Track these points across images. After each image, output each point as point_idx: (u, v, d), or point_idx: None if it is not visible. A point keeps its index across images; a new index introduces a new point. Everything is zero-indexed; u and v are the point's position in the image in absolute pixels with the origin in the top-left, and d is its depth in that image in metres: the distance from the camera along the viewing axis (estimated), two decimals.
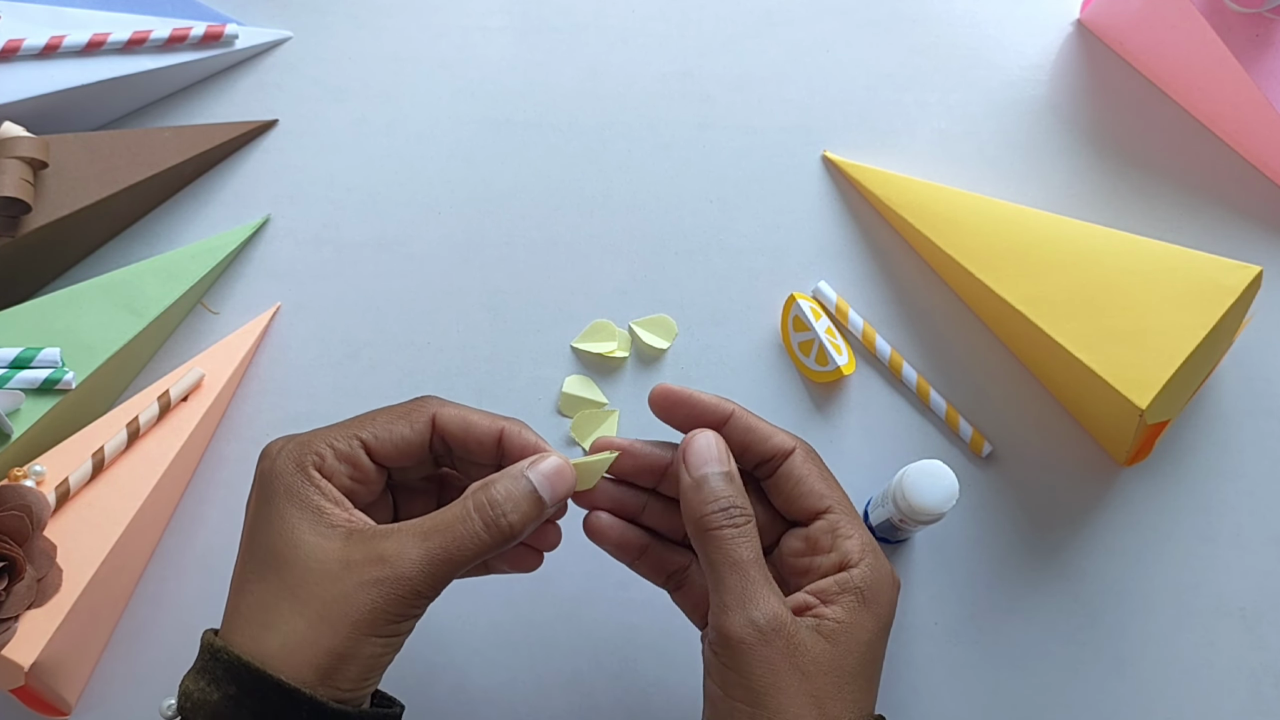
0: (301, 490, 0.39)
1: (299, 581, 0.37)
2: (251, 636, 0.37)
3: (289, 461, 0.39)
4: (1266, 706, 0.54)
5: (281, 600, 0.37)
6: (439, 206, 0.61)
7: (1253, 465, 0.57)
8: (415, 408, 0.41)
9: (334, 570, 0.37)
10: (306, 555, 0.37)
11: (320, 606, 0.37)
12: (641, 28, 0.64)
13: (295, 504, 0.38)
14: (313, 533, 0.38)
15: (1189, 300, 0.52)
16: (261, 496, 0.40)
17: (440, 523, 0.38)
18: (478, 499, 0.39)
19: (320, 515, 0.38)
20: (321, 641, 0.36)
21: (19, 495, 0.48)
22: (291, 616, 0.37)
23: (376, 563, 0.37)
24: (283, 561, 0.38)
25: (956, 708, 0.53)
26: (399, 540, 0.38)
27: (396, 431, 0.41)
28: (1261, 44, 0.57)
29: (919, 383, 0.57)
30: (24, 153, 0.54)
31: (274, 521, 0.38)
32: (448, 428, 0.41)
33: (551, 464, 0.40)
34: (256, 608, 0.38)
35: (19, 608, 0.47)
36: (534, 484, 0.40)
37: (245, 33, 0.62)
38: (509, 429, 0.42)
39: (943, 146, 0.62)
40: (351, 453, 0.40)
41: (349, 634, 0.36)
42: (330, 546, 0.38)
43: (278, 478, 0.39)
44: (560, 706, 0.53)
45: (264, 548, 0.38)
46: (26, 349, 0.52)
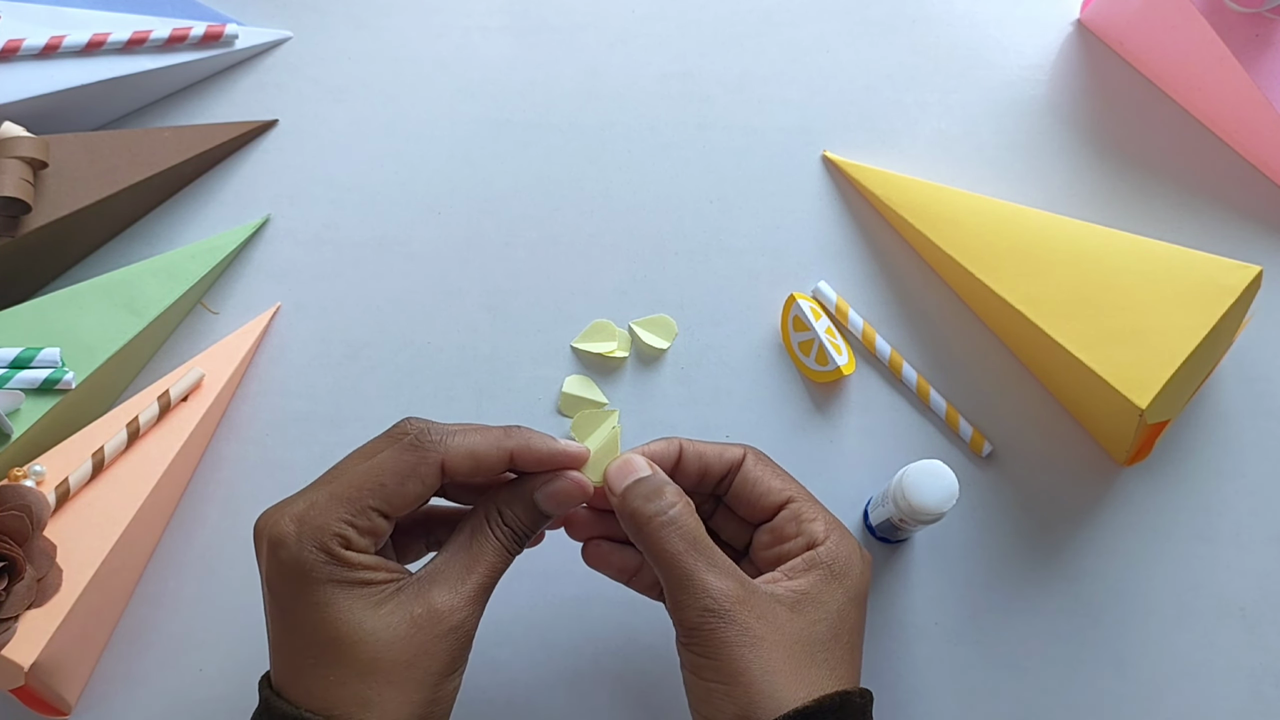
0: (344, 575, 0.39)
1: (376, 656, 0.38)
2: (348, 715, 0.38)
3: (317, 551, 0.38)
4: (1266, 706, 0.54)
5: (365, 679, 0.38)
6: (439, 206, 0.61)
7: (1253, 465, 0.57)
8: (420, 460, 0.40)
9: (405, 633, 0.38)
10: (374, 631, 0.38)
11: (405, 670, 0.38)
12: (641, 28, 0.64)
13: (342, 588, 0.38)
14: (369, 607, 0.38)
15: (1189, 300, 0.52)
16: (295, 586, 0.39)
17: (474, 558, 0.41)
18: (495, 528, 0.42)
19: (370, 589, 0.39)
20: (415, 698, 0.38)
21: (19, 495, 0.48)
22: (384, 690, 0.38)
23: (436, 616, 0.39)
24: (351, 643, 0.38)
25: (956, 708, 0.53)
26: (448, 587, 0.40)
27: (409, 492, 0.40)
28: (1261, 44, 0.57)
29: (919, 383, 0.57)
30: (24, 153, 0.54)
31: (325, 610, 0.38)
32: (457, 471, 0.41)
33: (561, 488, 0.42)
34: (338, 689, 0.38)
35: (19, 608, 0.47)
36: (544, 507, 0.42)
37: (245, 33, 0.62)
38: (517, 449, 0.41)
39: (943, 146, 0.62)
40: (372, 525, 0.39)
41: (434, 683, 0.39)
42: (391, 613, 0.39)
43: (312, 569, 0.38)
44: (560, 706, 0.53)
45: (321, 635, 0.38)
46: (26, 349, 0.52)
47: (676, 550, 0.41)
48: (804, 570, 0.42)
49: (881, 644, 0.54)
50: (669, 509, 0.41)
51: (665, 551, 0.41)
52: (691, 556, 0.40)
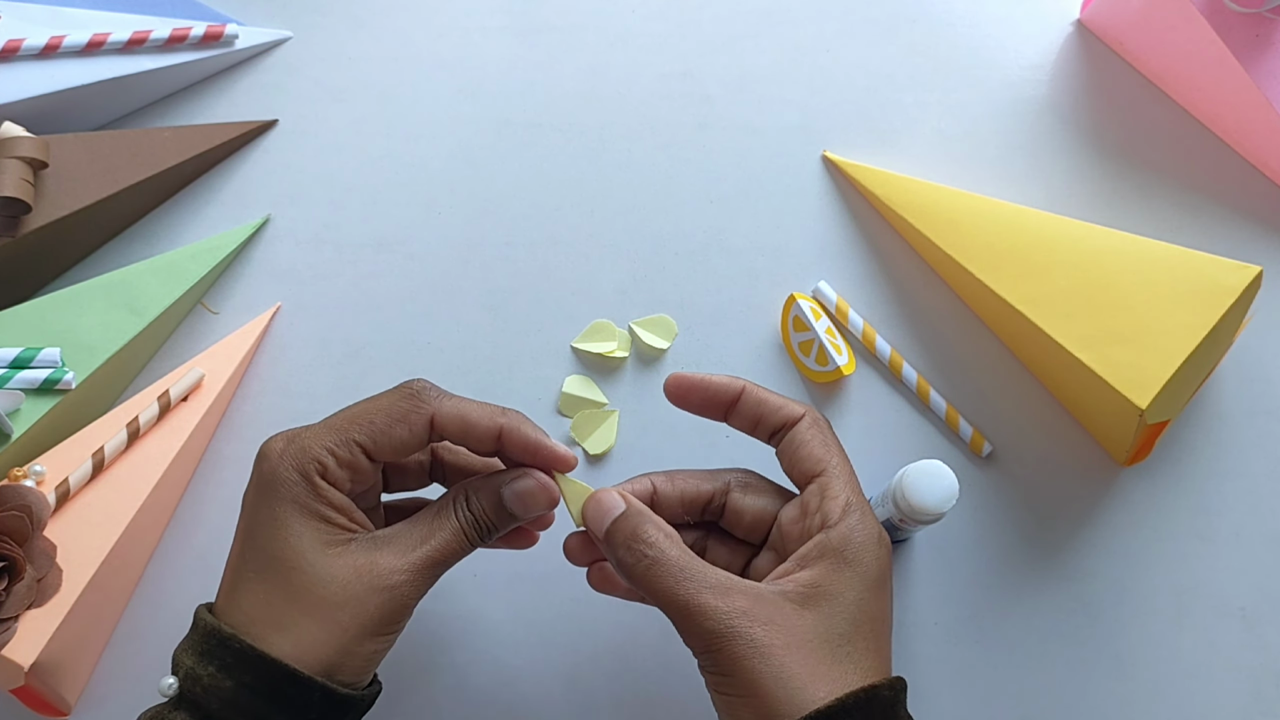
0: (307, 501, 0.40)
1: (308, 587, 0.39)
2: (261, 634, 0.39)
3: (292, 469, 0.40)
4: (1266, 706, 0.54)
5: (291, 604, 0.39)
6: (439, 206, 0.61)
7: (1253, 465, 0.57)
8: (412, 410, 0.41)
9: (343, 578, 0.39)
10: (314, 564, 0.39)
11: (330, 611, 0.39)
12: (641, 28, 0.64)
13: (301, 513, 0.40)
14: (319, 542, 0.40)
15: (1189, 300, 0.52)
16: (262, 498, 0.40)
17: (429, 533, 0.41)
18: (459, 511, 0.42)
19: (326, 525, 0.40)
20: (332, 642, 0.39)
21: (19, 495, 0.48)
22: (302, 619, 0.39)
23: (381, 574, 0.40)
24: (289, 567, 0.39)
25: (956, 708, 0.53)
26: (397, 550, 0.40)
27: (396, 436, 0.41)
28: (1261, 44, 0.57)
29: (919, 383, 0.57)
30: (24, 153, 0.54)
31: (278, 527, 0.40)
32: (447, 428, 0.42)
33: (526, 488, 0.42)
34: (263, 606, 0.39)
35: (19, 608, 0.47)
36: (508, 504, 0.42)
37: (245, 33, 0.62)
38: (508, 426, 0.42)
39: (943, 146, 0.62)
40: (352, 458, 0.41)
41: (356, 635, 0.39)
42: (337, 555, 0.40)
43: (282, 484, 0.40)
44: (560, 706, 0.53)
45: (267, 550, 0.40)
46: (26, 349, 0.52)
47: (667, 587, 0.40)
48: (815, 558, 0.40)
49: None
50: (649, 551, 0.40)
51: (658, 591, 0.40)
52: (683, 587, 0.39)
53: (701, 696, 0.56)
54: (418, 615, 0.54)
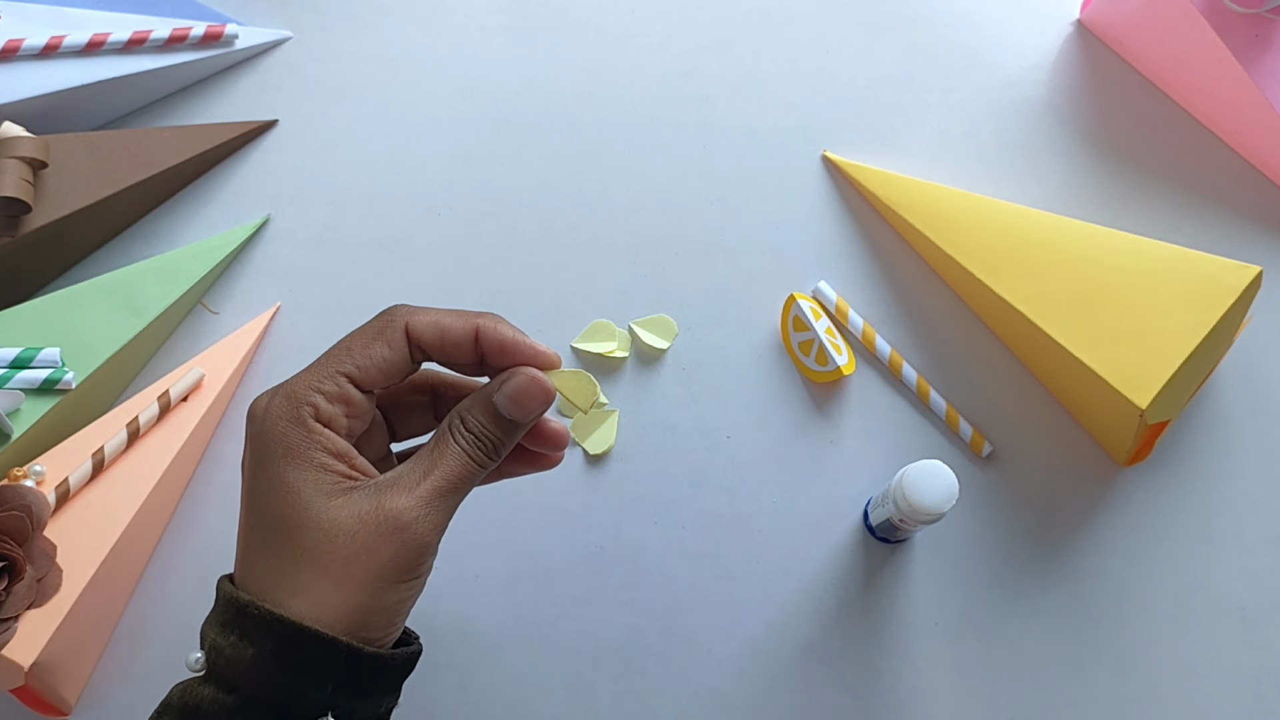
0: (303, 449, 0.38)
1: (315, 544, 0.37)
2: (278, 601, 0.37)
3: (283, 419, 0.38)
4: (1266, 706, 0.54)
5: (302, 565, 0.37)
6: (439, 206, 0.61)
7: (1253, 465, 0.57)
8: (386, 324, 0.40)
9: (349, 528, 0.37)
10: (318, 518, 0.37)
11: (343, 566, 0.37)
12: (641, 28, 0.64)
13: (298, 464, 0.38)
14: (320, 494, 0.38)
15: (1189, 300, 0.52)
16: (259, 459, 0.39)
17: (432, 464, 0.39)
18: (456, 434, 0.40)
19: (325, 473, 0.38)
20: (349, 599, 0.37)
21: (19, 495, 0.48)
22: (315, 579, 0.37)
23: (389, 516, 0.38)
24: (294, 526, 0.38)
25: (956, 708, 0.53)
26: (403, 489, 0.38)
27: (377, 354, 0.40)
28: (1261, 44, 0.57)
29: (919, 383, 0.57)
30: (24, 153, 0.54)
31: (277, 486, 0.38)
32: (423, 337, 0.40)
33: (517, 384, 0.40)
34: (275, 572, 0.38)
35: (19, 608, 0.47)
36: (504, 409, 0.40)
37: (245, 33, 0.62)
38: (484, 326, 0.41)
39: (943, 146, 0.62)
40: (341, 391, 0.39)
41: (374, 587, 0.37)
42: (341, 506, 0.38)
43: (275, 438, 0.38)
44: (560, 706, 0.53)
45: (271, 513, 0.38)
46: (26, 349, 0.52)
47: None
48: None
49: (881, 643, 0.54)
50: None
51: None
52: None
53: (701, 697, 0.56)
54: (419, 615, 0.54)
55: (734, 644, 0.54)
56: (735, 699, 0.53)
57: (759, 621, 0.54)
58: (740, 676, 0.53)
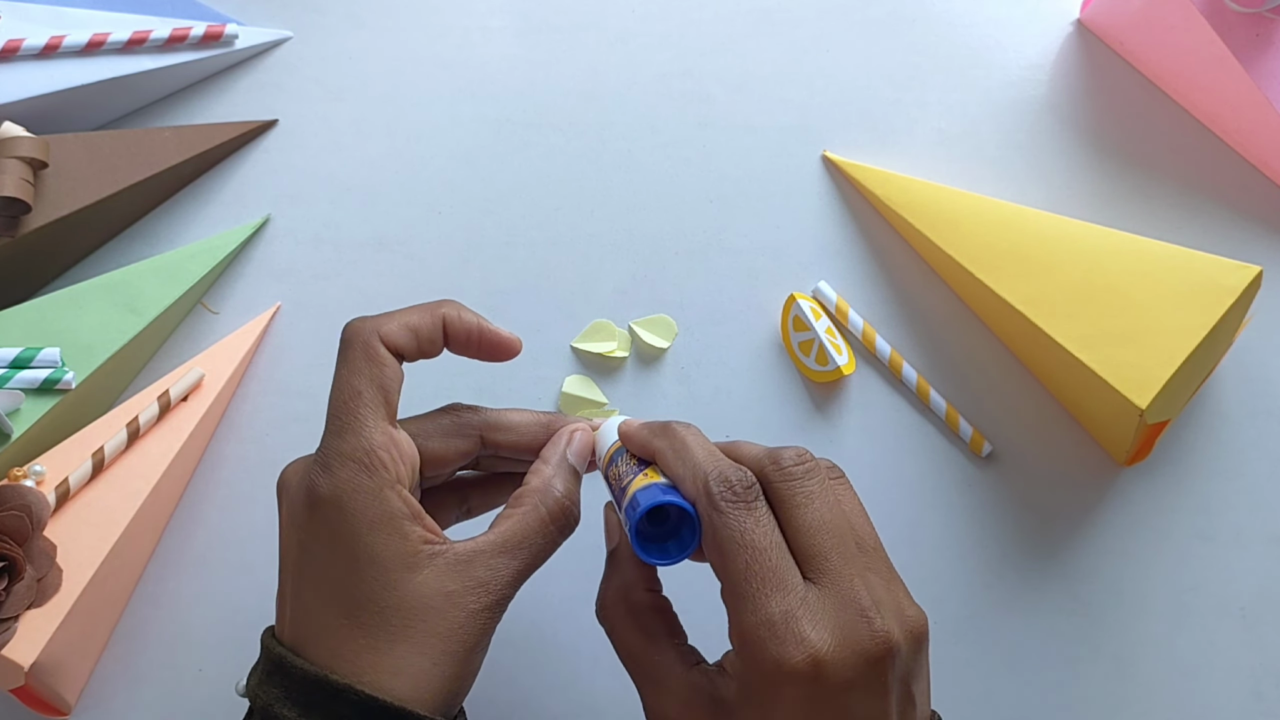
0: (386, 520, 0.37)
1: (408, 623, 0.36)
2: (374, 682, 0.36)
3: (360, 492, 0.37)
4: (1266, 706, 0.54)
5: (396, 644, 0.36)
6: (439, 206, 0.61)
7: (1253, 465, 0.57)
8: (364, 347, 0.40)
9: (438, 604, 0.37)
10: (408, 596, 0.36)
11: (440, 643, 0.36)
12: (641, 28, 0.64)
13: (384, 537, 0.37)
14: (405, 569, 0.36)
15: (1189, 300, 0.52)
16: (335, 534, 0.37)
17: (522, 537, 0.39)
18: (549, 505, 0.39)
19: (407, 542, 0.37)
20: (447, 673, 0.37)
21: (19, 495, 0.48)
22: (415, 658, 0.36)
23: (477, 590, 0.37)
24: (383, 605, 0.36)
25: (956, 708, 0.53)
26: (488, 562, 0.38)
27: (386, 380, 0.39)
28: (1261, 44, 0.57)
29: (919, 383, 0.57)
30: (24, 153, 0.54)
31: (363, 564, 0.36)
32: (398, 343, 0.40)
33: (583, 443, 0.42)
34: (368, 651, 0.36)
35: (19, 608, 0.47)
36: (575, 467, 0.41)
37: (245, 33, 0.62)
38: (448, 315, 0.41)
39: (943, 146, 0.62)
40: (391, 437, 0.38)
41: (466, 658, 0.37)
42: (426, 581, 0.37)
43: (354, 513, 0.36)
44: (559, 706, 0.53)
45: (356, 592, 0.36)
46: (26, 349, 0.52)
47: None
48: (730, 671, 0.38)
49: None
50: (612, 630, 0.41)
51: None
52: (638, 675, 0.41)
53: None
54: None
55: None
56: None
57: None
58: None
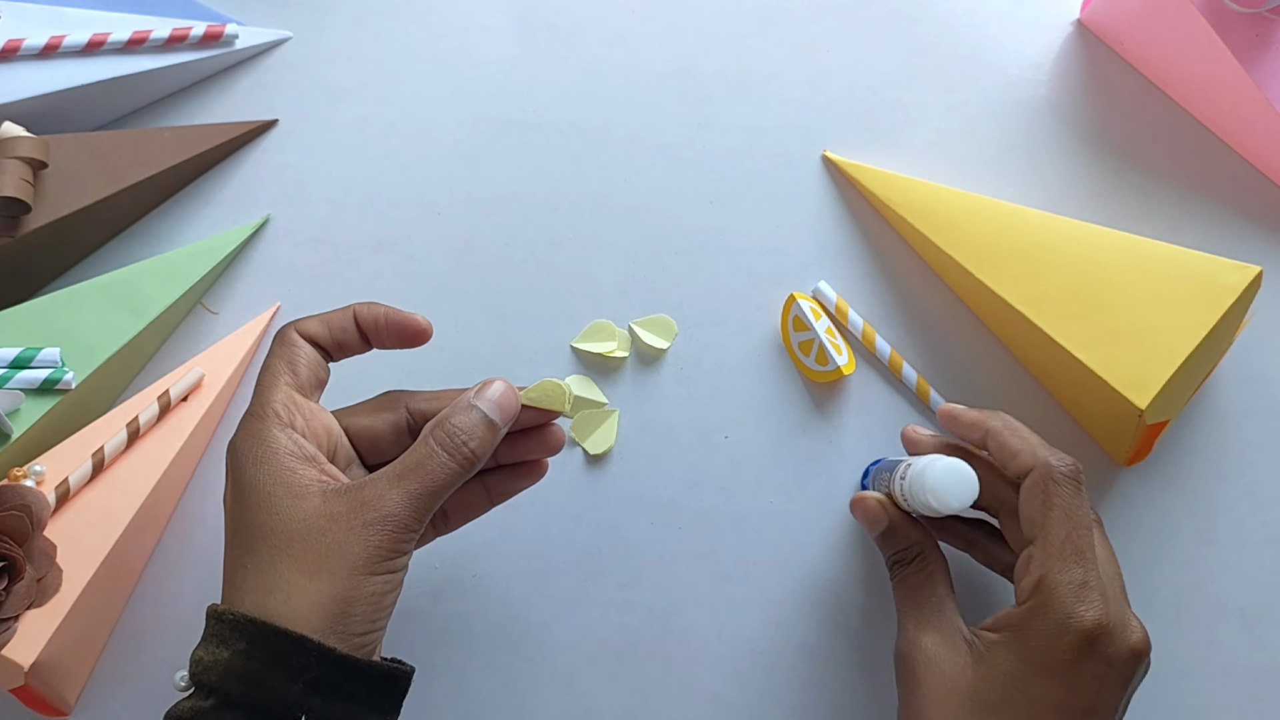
0: (270, 456, 0.40)
1: (287, 543, 0.39)
2: (255, 602, 0.38)
3: (249, 437, 0.41)
4: (1266, 706, 0.54)
5: (276, 564, 0.39)
6: (439, 207, 0.61)
7: (1252, 465, 0.57)
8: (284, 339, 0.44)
9: (320, 525, 0.39)
10: (291, 517, 0.39)
11: (316, 559, 0.38)
12: (641, 28, 0.64)
13: (267, 470, 0.40)
14: (290, 495, 0.39)
15: (1189, 300, 0.52)
16: (235, 480, 0.41)
17: (410, 463, 0.41)
18: (437, 435, 0.41)
19: (295, 475, 0.40)
20: (324, 589, 0.38)
21: (19, 495, 0.48)
22: (289, 574, 0.38)
23: (360, 508, 0.39)
24: (268, 531, 0.39)
25: None
26: (376, 486, 0.40)
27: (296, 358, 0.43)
28: (1261, 44, 0.57)
29: (919, 383, 0.57)
30: (24, 153, 0.54)
31: (250, 495, 0.40)
32: (313, 332, 0.44)
33: (495, 389, 0.43)
34: (252, 575, 0.39)
35: (19, 608, 0.47)
36: (483, 410, 0.42)
37: (245, 33, 0.62)
38: (358, 308, 0.45)
39: (943, 146, 0.62)
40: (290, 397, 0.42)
41: (348, 577, 0.38)
42: (310, 505, 0.39)
43: (245, 453, 0.41)
44: (558, 706, 0.53)
45: (247, 523, 0.40)
46: (26, 349, 0.52)
47: (899, 598, 0.48)
48: (1004, 625, 0.44)
49: (880, 644, 0.54)
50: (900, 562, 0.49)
51: (896, 598, 0.48)
52: (904, 606, 0.47)
53: (699, 697, 0.56)
54: (416, 615, 0.54)
55: (732, 644, 0.54)
56: (733, 699, 0.53)
57: (757, 622, 0.54)
58: (738, 677, 0.53)
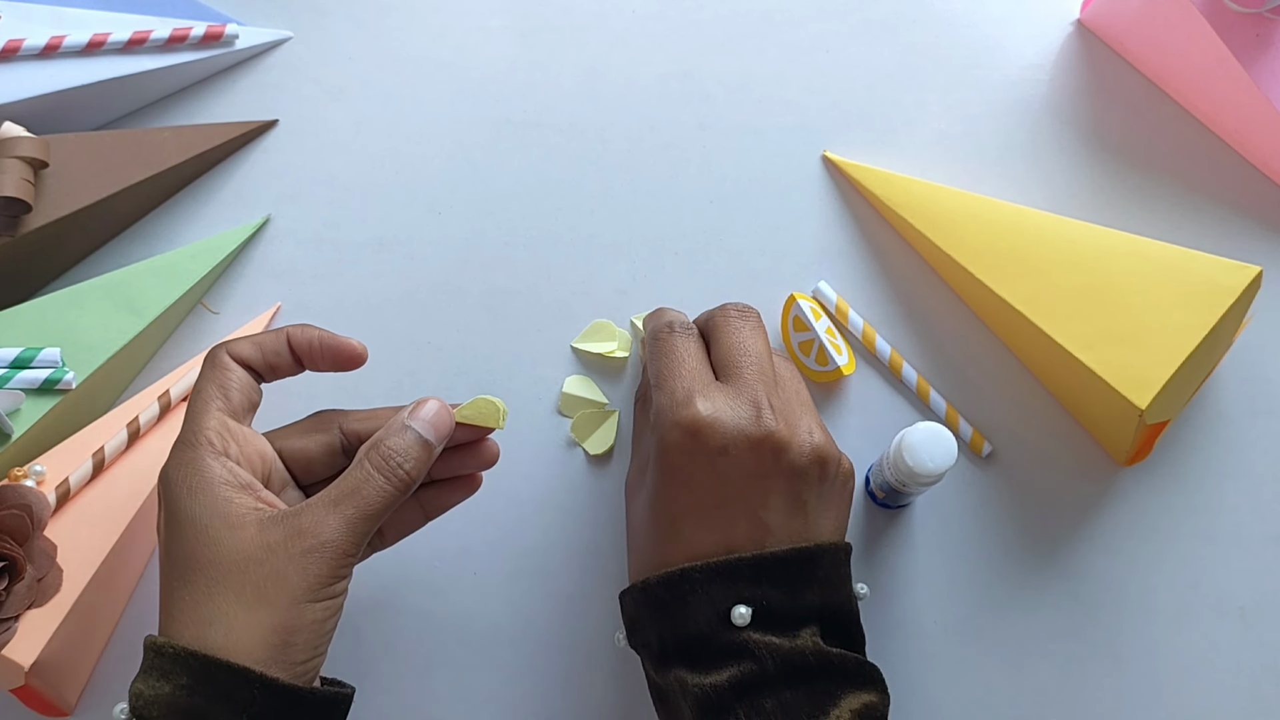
0: (204, 486, 0.39)
1: (224, 574, 0.38)
2: (194, 635, 0.38)
3: (180, 465, 0.40)
4: (1266, 706, 0.54)
5: (214, 595, 0.38)
6: (439, 206, 0.61)
7: (1253, 465, 0.57)
8: (214, 361, 0.43)
9: (258, 555, 0.38)
10: (229, 548, 0.38)
11: (254, 589, 0.38)
12: (641, 28, 0.64)
13: (202, 500, 0.39)
14: (227, 526, 0.39)
15: (1189, 300, 0.52)
16: (168, 510, 0.40)
17: (346, 488, 0.40)
18: (373, 458, 0.41)
19: (231, 505, 0.39)
20: (264, 620, 0.38)
21: (19, 495, 0.48)
22: (228, 607, 0.38)
23: (297, 537, 0.39)
24: (204, 562, 0.38)
25: (956, 707, 0.53)
26: (313, 513, 0.39)
27: (228, 382, 0.43)
28: (1261, 44, 0.57)
29: (919, 383, 0.57)
30: (24, 153, 0.54)
31: (185, 526, 0.39)
32: (245, 355, 0.44)
33: (429, 409, 0.43)
34: (190, 607, 0.38)
35: (19, 608, 0.47)
36: (418, 431, 0.42)
37: (245, 33, 0.62)
38: (292, 331, 0.44)
39: (943, 146, 0.62)
40: (222, 423, 0.42)
41: (288, 606, 0.38)
42: (247, 535, 0.39)
43: (178, 483, 0.40)
44: (558, 705, 0.53)
45: (183, 554, 0.39)
46: (26, 349, 0.52)
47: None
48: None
49: (882, 643, 0.54)
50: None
51: None
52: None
53: None
54: (416, 613, 0.54)
55: None
56: None
57: None
58: None
